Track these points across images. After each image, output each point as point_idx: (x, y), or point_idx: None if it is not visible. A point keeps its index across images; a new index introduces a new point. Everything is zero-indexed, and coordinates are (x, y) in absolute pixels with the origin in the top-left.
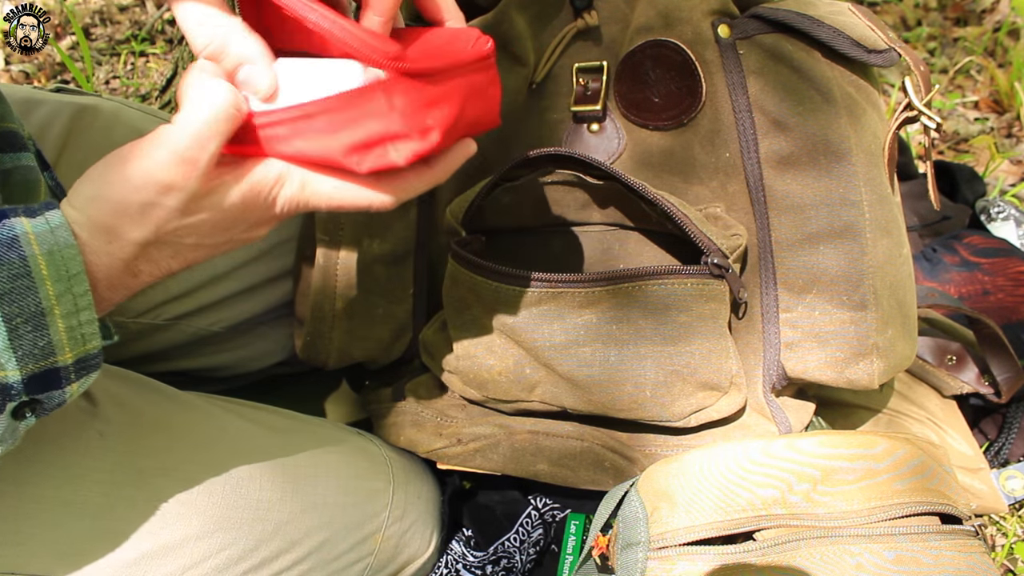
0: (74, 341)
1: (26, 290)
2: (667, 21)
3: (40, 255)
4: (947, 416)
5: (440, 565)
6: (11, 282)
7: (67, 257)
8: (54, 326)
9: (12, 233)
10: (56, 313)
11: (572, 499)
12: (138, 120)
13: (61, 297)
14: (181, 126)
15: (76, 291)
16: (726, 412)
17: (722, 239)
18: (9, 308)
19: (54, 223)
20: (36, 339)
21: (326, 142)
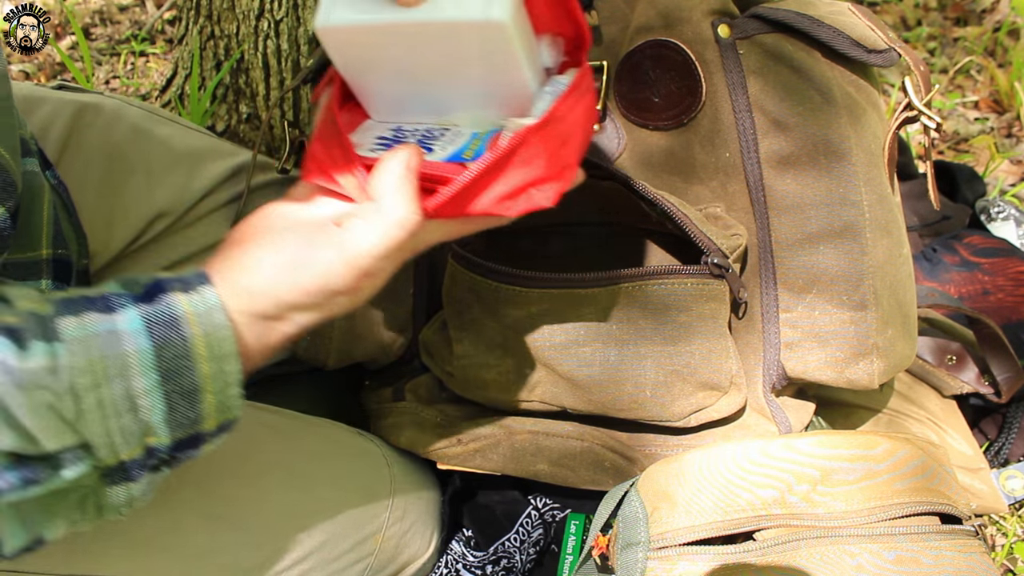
0: (219, 412)
1: (185, 369)
2: (667, 21)
3: (199, 336)
4: (947, 416)
5: (440, 565)
6: (173, 361)
7: (222, 338)
8: (205, 400)
9: (173, 313)
10: (208, 389)
11: (572, 499)
12: (140, 118)
13: (215, 376)
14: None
15: (227, 369)
16: (726, 412)
17: (722, 239)
18: (169, 385)
19: (210, 303)
20: (188, 411)
21: (481, 201)
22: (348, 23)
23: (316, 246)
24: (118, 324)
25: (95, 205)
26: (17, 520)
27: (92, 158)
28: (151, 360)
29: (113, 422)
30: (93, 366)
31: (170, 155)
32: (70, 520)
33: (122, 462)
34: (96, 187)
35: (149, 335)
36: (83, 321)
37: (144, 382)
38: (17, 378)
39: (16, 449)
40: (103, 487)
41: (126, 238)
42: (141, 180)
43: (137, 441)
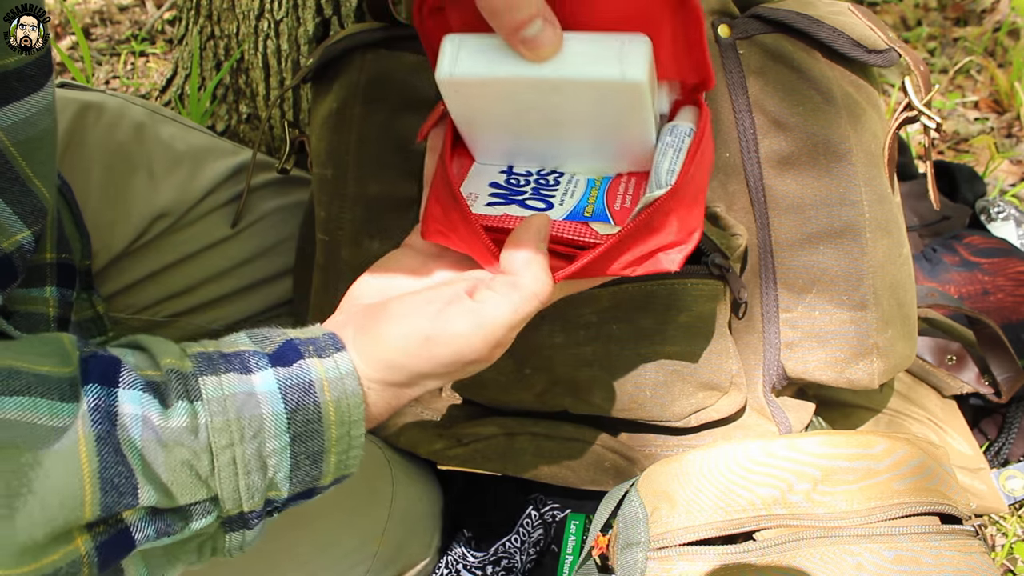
0: (338, 470)
1: (314, 433)
2: None
3: (331, 402)
4: (947, 416)
5: (441, 566)
6: (304, 425)
7: (352, 406)
8: (328, 462)
9: (308, 378)
10: (332, 451)
11: (572, 499)
12: (142, 117)
13: (340, 440)
14: (504, 314)
15: (353, 433)
16: (726, 412)
17: (722, 239)
18: (298, 447)
19: (344, 370)
20: (311, 470)
21: (610, 268)
22: (475, 76)
23: (450, 319)
24: (255, 386)
25: (98, 205)
26: (144, 565)
27: (95, 157)
28: (284, 423)
29: (243, 479)
30: (230, 426)
31: (172, 154)
32: (188, 562)
33: (243, 513)
34: (99, 187)
35: (283, 399)
36: (222, 381)
37: (276, 444)
38: (160, 436)
39: (154, 503)
40: (222, 533)
41: (128, 238)
42: (143, 180)
43: (261, 496)
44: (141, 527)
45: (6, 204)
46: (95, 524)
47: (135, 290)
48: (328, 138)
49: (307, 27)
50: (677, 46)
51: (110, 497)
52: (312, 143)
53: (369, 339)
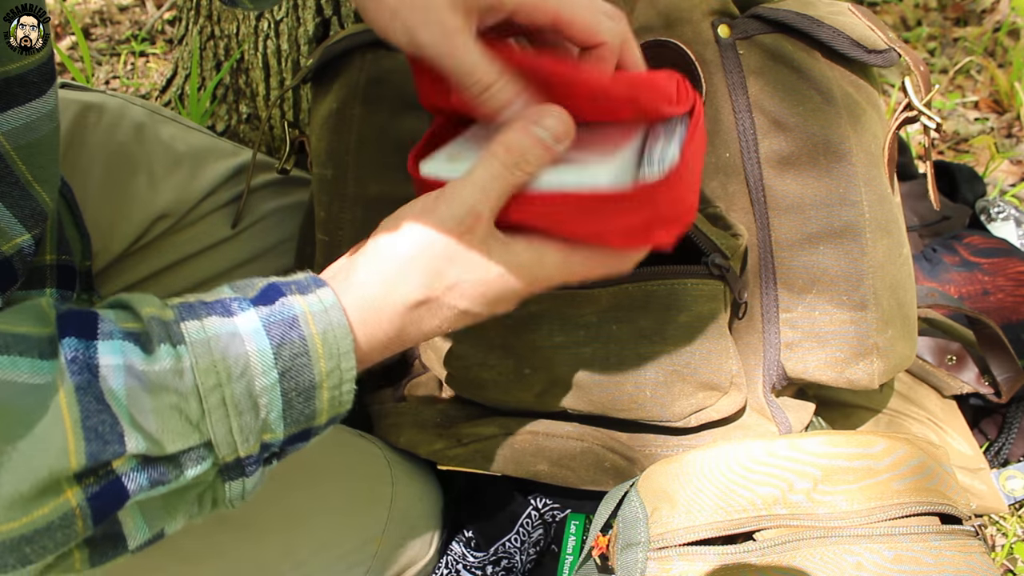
0: (332, 408)
1: (303, 367)
2: (667, 21)
3: (317, 334)
4: (947, 416)
5: (440, 566)
6: (292, 360)
7: (339, 336)
8: (320, 398)
9: (292, 313)
10: (324, 386)
11: (572, 499)
12: (142, 117)
13: (331, 373)
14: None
15: (343, 366)
16: (726, 412)
17: (722, 239)
18: (287, 383)
19: (327, 303)
20: (304, 408)
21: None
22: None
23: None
24: (239, 326)
25: (98, 205)
26: (141, 517)
27: (95, 158)
28: (271, 360)
29: (235, 421)
30: (216, 367)
31: (172, 155)
32: (189, 514)
33: (239, 458)
34: (99, 187)
35: (268, 335)
36: (204, 324)
37: (265, 381)
38: (146, 381)
39: (144, 452)
40: (220, 482)
41: (128, 239)
42: (144, 180)
43: (255, 438)
44: (133, 476)
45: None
46: (84, 475)
47: (135, 291)
48: (328, 138)
49: (307, 27)
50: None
51: (95, 445)
52: (312, 143)
53: (347, 273)
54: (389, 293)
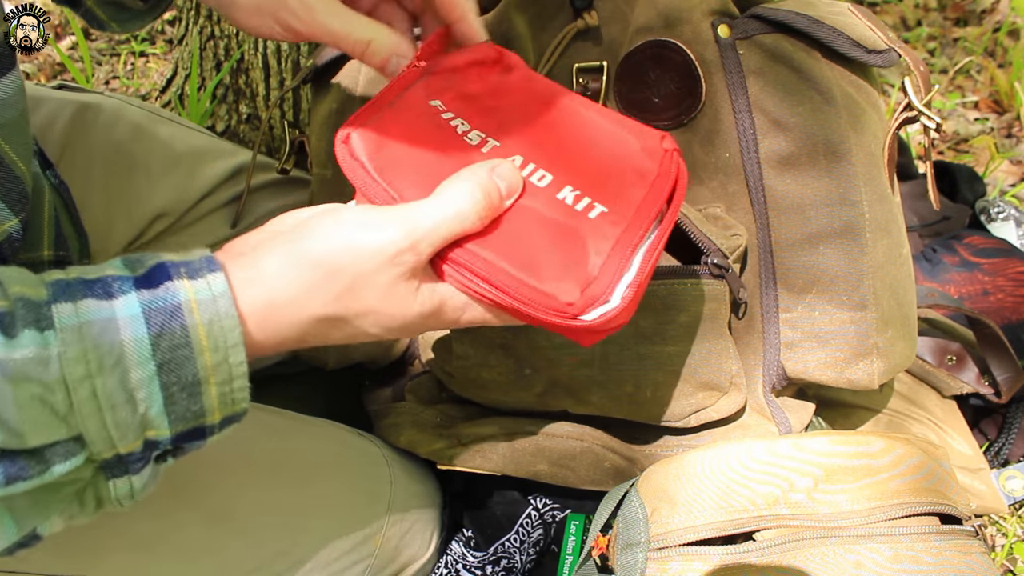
0: (224, 405)
1: (184, 360)
2: (667, 21)
3: (201, 324)
4: (947, 416)
5: (440, 565)
6: (171, 352)
7: (226, 328)
8: (207, 393)
9: (175, 301)
10: (211, 382)
11: (572, 499)
12: (140, 118)
13: (217, 367)
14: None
15: (232, 360)
16: (726, 412)
17: (722, 239)
18: (167, 377)
19: (216, 290)
20: (190, 404)
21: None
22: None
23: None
24: (116, 311)
25: (96, 205)
26: (8, 515)
27: (93, 158)
28: (147, 350)
29: (108, 415)
30: (87, 355)
31: (171, 155)
32: (66, 514)
33: (120, 455)
34: (97, 187)
35: (147, 323)
36: (79, 308)
37: (140, 373)
38: (5, 368)
39: (1, 444)
40: (102, 480)
41: (127, 238)
42: (142, 180)
43: (135, 435)
44: None
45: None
46: None
47: None
48: (328, 138)
49: None
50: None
51: None
52: (312, 143)
53: (264, 247)
54: (298, 300)
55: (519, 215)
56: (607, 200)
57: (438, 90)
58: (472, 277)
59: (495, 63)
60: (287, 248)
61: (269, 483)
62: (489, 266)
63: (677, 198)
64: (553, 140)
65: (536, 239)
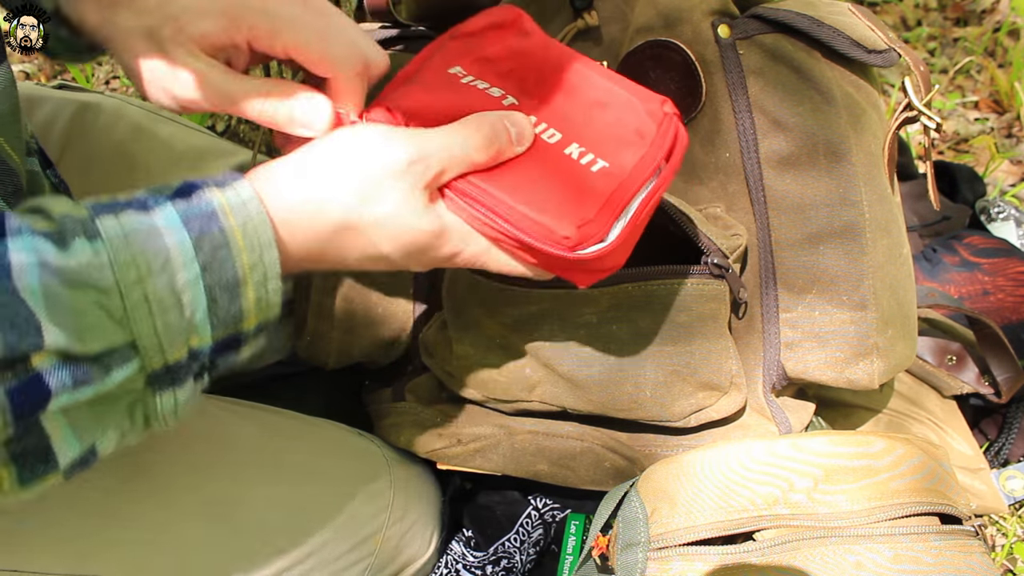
0: (260, 309)
1: (224, 260)
2: (667, 21)
3: (236, 227)
4: (947, 416)
5: (440, 565)
6: (212, 253)
7: (259, 228)
8: (245, 296)
9: (210, 207)
10: (248, 283)
11: (572, 499)
12: (140, 117)
13: (254, 267)
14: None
15: (267, 259)
16: (726, 412)
17: (722, 239)
18: (210, 278)
19: (245, 195)
20: (230, 307)
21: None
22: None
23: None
24: (156, 220)
25: None
26: (69, 428)
27: (93, 157)
28: (191, 252)
29: (159, 319)
30: (136, 260)
31: (171, 154)
32: (120, 429)
33: (167, 365)
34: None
35: (187, 228)
36: (121, 220)
37: (186, 275)
38: (63, 276)
39: (66, 347)
40: (150, 394)
41: None
42: (142, 179)
43: (182, 341)
44: (54, 373)
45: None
46: (2, 368)
47: None
48: None
49: None
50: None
51: (10, 336)
52: None
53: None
54: (317, 201)
55: (527, 163)
56: (609, 157)
57: (456, 56)
58: (477, 207)
59: (512, 25)
60: (302, 156)
61: (269, 482)
62: (494, 199)
63: (676, 157)
64: (565, 102)
65: (540, 183)
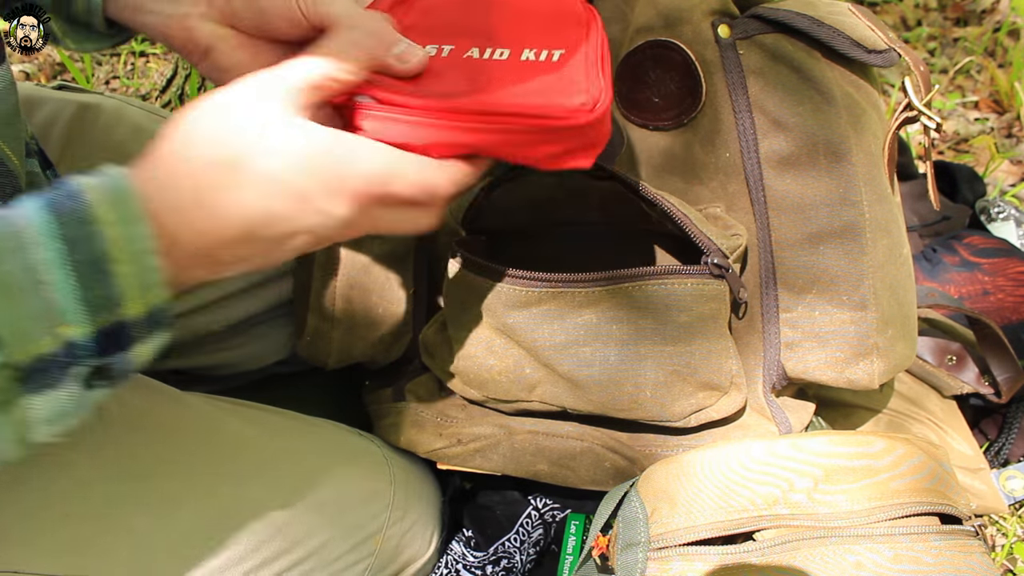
0: (142, 289)
1: (91, 235)
2: (667, 21)
3: (100, 201)
4: (947, 416)
5: (440, 565)
6: (77, 228)
7: (126, 197)
8: (120, 272)
9: (74, 187)
10: (121, 258)
11: (572, 499)
12: (140, 118)
13: (125, 240)
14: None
15: (137, 233)
16: (726, 412)
17: (722, 239)
18: (76, 255)
19: (113, 173)
20: (102, 286)
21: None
22: None
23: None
24: (15, 210)
25: None
26: None
27: (93, 158)
28: (51, 229)
29: (18, 303)
30: None
31: None
32: None
33: (39, 357)
34: None
35: (49, 209)
36: None
37: (45, 253)
38: None
39: None
40: (22, 395)
41: None
42: None
43: (47, 328)
44: None
45: None
46: None
47: None
48: None
49: None
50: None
51: None
52: None
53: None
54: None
55: (498, 82)
56: (558, 43)
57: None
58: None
59: None
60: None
61: (269, 483)
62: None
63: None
64: (494, 23)
65: (523, 87)
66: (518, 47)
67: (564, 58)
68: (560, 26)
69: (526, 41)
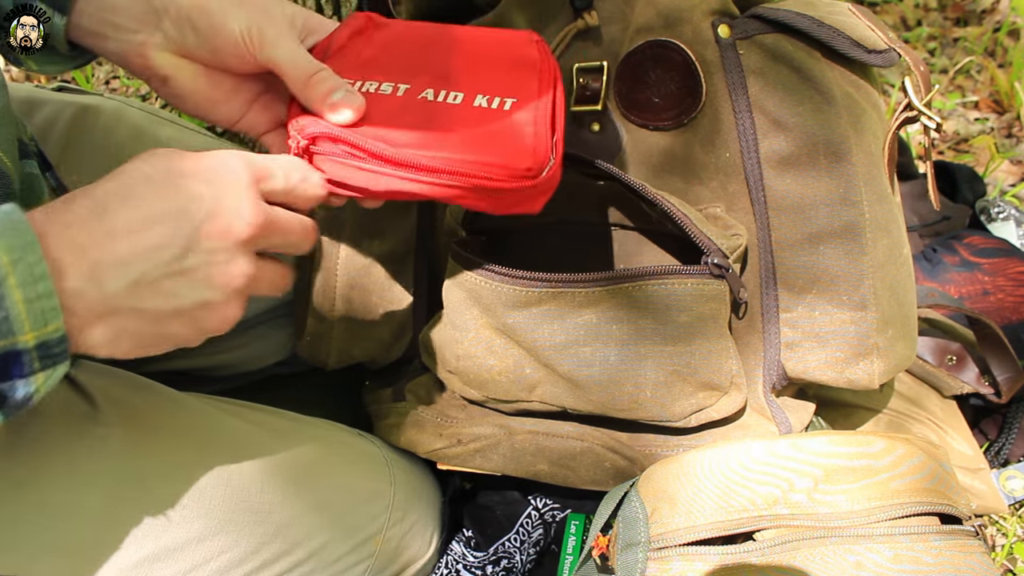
0: (34, 317)
1: None
2: (667, 21)
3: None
4: (947, 416)
5: (440, 566)
6: None
7: (16, 224)
8: (11, 298)
9: None
10: (12, 284)
11: (572, 499)
12: (140, 119)
13: (16, 264)
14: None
15: (29, 259)
16: (726, 412)
17: (722, 239)
18: None
19: (4, 209)
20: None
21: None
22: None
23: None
24: None
25: None
26: None
27: (93, 160)
28: None
29: None
30: None
31: None
32: None
33: None
34: None
35: None
36: None
37: None
38: None
39: None
40: None
41: None
42: None
43: None
44: None
45: None
46: None
47: None
48: None
49: None
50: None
51: None
52: None
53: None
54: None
55: (450, 130)
56: (512, 92)
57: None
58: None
59: (368, 26)
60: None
61: (269, 484)
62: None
63: (556, 70)
64: (450, 65)
65: (472, 137)
66: (472, 92)
67: (515, 107)
68: (516, 75)
69: (480, 86)
